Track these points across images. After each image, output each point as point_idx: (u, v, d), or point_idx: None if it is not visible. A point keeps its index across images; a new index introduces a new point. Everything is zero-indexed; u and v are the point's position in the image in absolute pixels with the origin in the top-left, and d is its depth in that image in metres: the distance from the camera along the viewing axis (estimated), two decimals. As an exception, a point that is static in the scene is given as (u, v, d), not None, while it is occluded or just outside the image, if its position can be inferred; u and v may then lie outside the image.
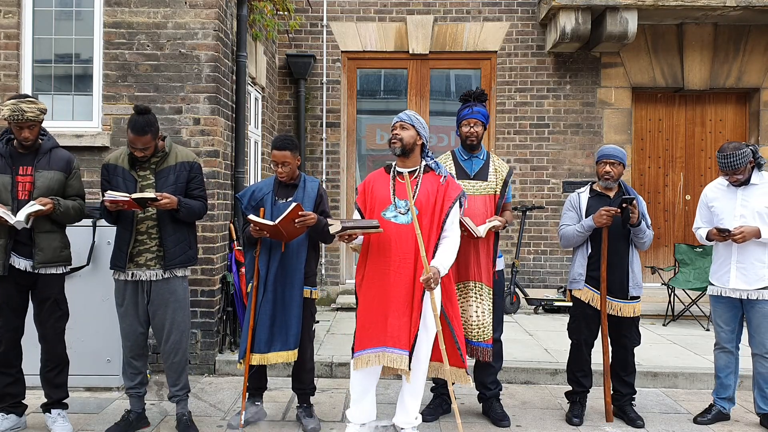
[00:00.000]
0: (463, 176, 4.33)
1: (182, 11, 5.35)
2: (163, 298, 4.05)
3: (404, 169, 3.92)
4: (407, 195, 3.82)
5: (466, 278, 4.26)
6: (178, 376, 4.14)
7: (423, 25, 8.28)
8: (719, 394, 4.46)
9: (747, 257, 4.26)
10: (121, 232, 4.04)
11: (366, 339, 3.79)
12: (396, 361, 3.72)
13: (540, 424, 4.38)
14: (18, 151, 3.95)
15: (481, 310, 4.22)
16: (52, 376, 4.06)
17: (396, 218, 3.80)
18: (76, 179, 4.10)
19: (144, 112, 3.89)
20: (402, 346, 3.72)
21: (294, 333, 4.08)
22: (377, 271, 3.81)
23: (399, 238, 3.77)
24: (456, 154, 4.43)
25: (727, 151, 4.21)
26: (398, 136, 3.85)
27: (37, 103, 3.89)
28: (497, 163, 4.42)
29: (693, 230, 4.61)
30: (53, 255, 3.95)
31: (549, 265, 8.29)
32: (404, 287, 3.75)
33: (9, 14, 5.40)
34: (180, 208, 3.96)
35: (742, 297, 4.28)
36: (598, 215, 4.18)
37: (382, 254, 3.80)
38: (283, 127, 8.35)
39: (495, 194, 4.33)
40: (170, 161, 4.07)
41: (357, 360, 3.80)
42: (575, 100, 8.29)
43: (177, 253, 4.03)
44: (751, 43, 8.22)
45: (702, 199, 4.54)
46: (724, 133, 8.54)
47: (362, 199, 3.98)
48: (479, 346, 4.24)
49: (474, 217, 4.19)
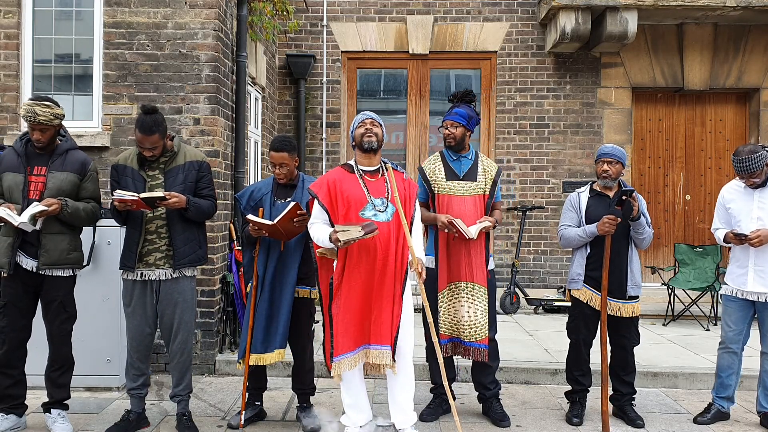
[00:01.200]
0: (452, 177, 4.33)
1: (182, 11, 5.35)
2: (172, 298, 4.05)
3: (370, 167, 3.91)
4: (383, 193, 3.83)
5: (458, 279, 4.26)
6: (182, 375, 4.14)
7: (423, 25, 8.28)
8: (718, 392, 4.46)
9: (765, 260, 4.25)
10: (130, 231, 4.05)
11: (349, 341, 3.75)
12: (378, 357, 3.73)
13: (540, 424, 4.38)
14: (35, 151, 3.96)
15: (473, 310, 4.22)
16: (56, 376, 4.06)
17: (376, 216, 3.77)
18: (91, 182, 4.08)
19: (151, 112, 3.89)
20: (383, 342, 3.73)
21: (282, 332, 4.08)
22: (362, 272, 3.76)
23: (381, 237, 3.75)
24: (445, 154, 4.43)
25: (742, 155, 4.18)
26: (372, 131, 3.86)
27: (53, 107, 3.87)
28: (486, 163, 4.42)
29: (711, 231, 4.60)
30: (59, 257, 3.93)
31: (549, 265, 8.28)
32: (387, 284, 3.76)
33: (9, 14, 5.40)
34: (189, 207, 3.96)
35: (759, 300, 4.28)
36: (602, 224, 4.13)
37: (366, 255, 3.75)
38: (283, 127, 8.35)
39: (484, 194, 4.33)
40: (179, 161, 4.07)
41: (339, 364, 3.75)
42: (575, 100, 8.29)
43: (186, 253, 4.03)
44: (751, 43, 8.22)
45: (719, 200, 4.52)
46: (724, 133, 8.54)
47: (329, 200, 3.82)
48: (472, 346, 4.23)
49: (464, 218, 4.20)
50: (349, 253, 3.77)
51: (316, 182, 3.97)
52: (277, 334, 4.08)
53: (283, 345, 4.11)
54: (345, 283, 3.78)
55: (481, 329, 4.22)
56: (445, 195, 4.30)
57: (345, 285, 3.78)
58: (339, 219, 3.80)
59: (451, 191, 4.30)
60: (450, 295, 4.26)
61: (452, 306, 4.26)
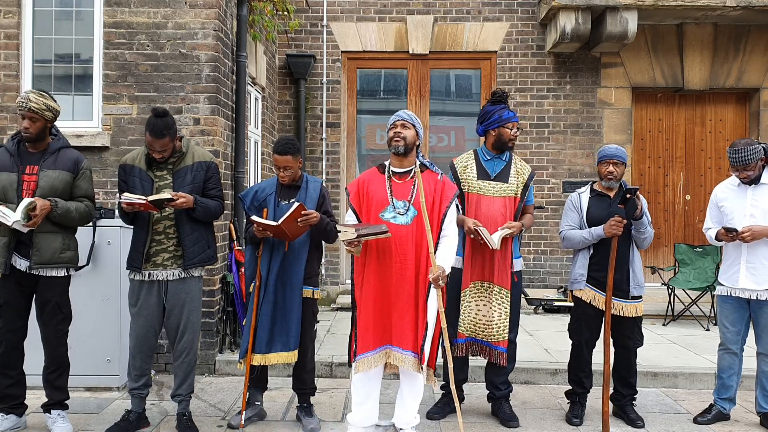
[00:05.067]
0: (483, 176, 4.30)
1: (182, 11, 5.35)
2: (179, 298, 4.05)
3: (400, 168, 3.91)
4: (406, 195, 3.81)
5: (481, 278, 4.25)
6: (186, 376, 4.13)
7: (423, 25, 8.28)
8: (720, 394, 4.45)
9: (757, 257, 4.24)
10: (138, 232, 4.04)
11: (369, 341, 3.78)
12: (400, 360, 3.73)
13: (540, 424, 4.38)
14: (28, 150, 3.95)
15: (493, 311, 4.21)
16: (53, 378, 4.05)
17: (395, 219, 3.78)
18: (85, 180, 4.06)
19: (162, 115, 3.88)
20: (407, 347, 3.73)
21: (294, 334, 4.08)
22: (378, 273, 3.79)
23: (399, 239, 3.75)
24: (479, 153, 4.40)
25: (738, 146, 4.19)
26: (401, 134, 3.83)
27: (47, 99, 3.88)
28: (519, 165, 4.38)
29: (703, 231, 4.59)
30: (52, 256, 3.90)
31: (549, 265, 8.28)
32: (406, 288, 3.75)
33: (9, 14, 5.40)
34: (196, 207, 3.96)
35: (751, 297, 4.27)
36: (608, 225, 4.13)
37: (383, 256, 3.78)
38: (283, 127, 8.35)
39: (515, 197, 4.29)
40: (187, 161, 4.07)
41: (360, 363, 3.78)
42: (575, 100, 8.29)
43: (196, 252, 4.04)
44: (751, 43, 8.22)
45: (712, 199, 4.51)
46: (724, 133, 8.54)
47: (357, 200, 3.91)
48: (489, 346, 4.24)
49: (491, 219, 4.18)
50: (368, 253, 3.80)
51: (352, 182, 4.02)
52: (289, 335, 4.08)
53: (296, 347, 4.10)
54: (365, 283, 3.82)
55: (499, 331, 4.21)
56: (474, 194, 4.27)
57: (365, 285, 3.82)
58: (364, 219, 3.85)
59: (482, 191, 4.27)
60: (472, 295, 4.25)
61: (473, 305, 4.25)
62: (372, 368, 3.79)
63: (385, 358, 3.79)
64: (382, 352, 3.78)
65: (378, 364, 3.79)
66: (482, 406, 4.61)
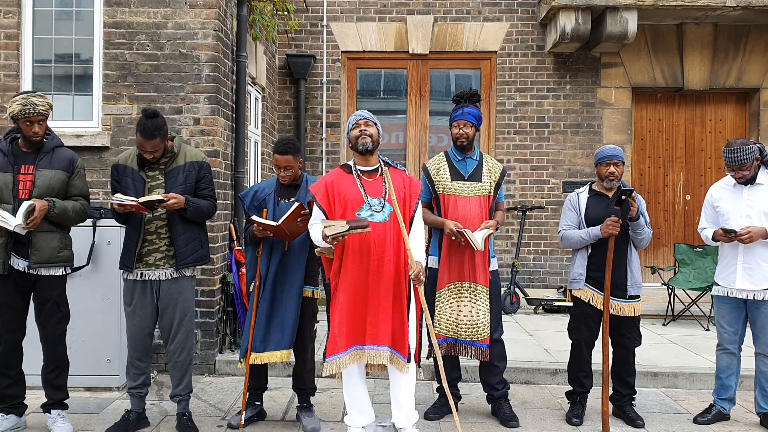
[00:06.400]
0: (457, 177, 4.32)
1: (182, 11, 5.35)
2: (172, 298, 4.05)
3: (367, 167, 3.89)
4: (379, 193, 3.80)
5: (459, 279, 4.25)
6: (182, 375, 4.14)
7: (423, 25, 8.28)
8: (720, 394, 4.45)
9: (753, 257, 4.24)
10: (130, 232, 4.04)
11: (340, 342, 3.73)
12: (375, 357, 3.70)
13: (540, 424, 4.38)
14: (22, 150, 3.94)
15: (475, 310, 4.22)
16: (52, 378, 4.05)
17: (372, 217, 3.75)
18: (80, 179, 4.07)
19: (153, 116, 3.88)
20: (381, 342, 3.70)
21: (289, 332, 4.08)
22: (355, 272, 3.74)
23: (377, 237, 3.73)
24: (449, 154, 4.42)
25: (734, 146, 4.18)
26: (367, 132, 3.83)
27: (45, 97, 3.91)
28: (491, 164, 4.41)
29: (698, 231, 4.58)
30: (50, 255, 3.91)
31: (549, 265, 8.29)
32: (384, 285, 3.72)
33: (9, 14, 5.40)
34: (188, 207, 3.96)
35: (748, 297, 4.26)
36: (605, 226, 4.13)
37: (360, 254, 3.74)
38: (283, 127, 8.36)
39: (489, 195, 4.32)
40: (179, 161, 4.07)
41: (329, 365, 3.73)
42: (575, 100, 8.29)
43: (188, 252, 4.04)
44: (751, 43, 8.22)
45: (707, 199, 4.50)
46: (724, 133, 8.54)
47: (326, 200, 3.83)
48: (473, 345, 4.24)
49: (469, 219, 4.20)
50: (345, 253, 3.76)
51: (315, 184, 3.96)
52: (284, 334, 4.07)
53: (290, 345, 4.10)
54: (341, 283, 3.77)
55: (481, 329, 4.22)
56: (450, 195, 4.29)
57: (341, 285, 3.77)
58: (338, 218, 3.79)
59: (456, 191, 4.29)
60: (449, 296, 4.26)
61: (451, 306, 4.25)
62: (342, 369, 3.75)
63: (357, 359, 3.74)
64: (353, 352, 3.74)
65: (348, 365, 3.74)
66: (482, 406, 4.62)
